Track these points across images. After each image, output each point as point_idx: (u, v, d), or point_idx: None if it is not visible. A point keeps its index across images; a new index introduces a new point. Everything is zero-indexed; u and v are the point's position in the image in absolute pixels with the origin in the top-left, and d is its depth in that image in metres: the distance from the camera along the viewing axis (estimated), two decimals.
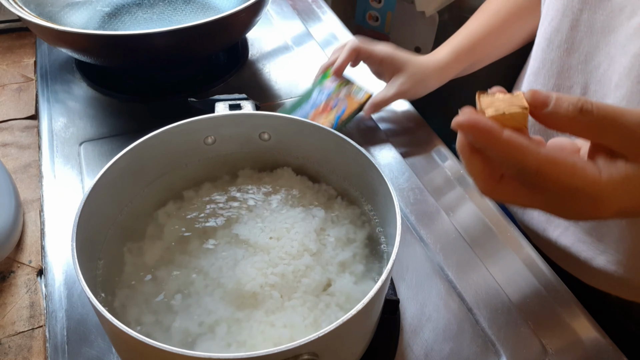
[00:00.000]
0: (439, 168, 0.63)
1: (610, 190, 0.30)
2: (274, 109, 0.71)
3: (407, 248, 0.54)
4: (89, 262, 0.40)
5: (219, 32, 0.67)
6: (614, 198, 0.30)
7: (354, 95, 0.66)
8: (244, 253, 0.44)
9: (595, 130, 0.30)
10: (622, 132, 0.29)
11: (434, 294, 0.50)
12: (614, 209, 0.31)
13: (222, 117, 0.49)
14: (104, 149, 0.63)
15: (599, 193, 0.30)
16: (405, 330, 0.47)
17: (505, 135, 0.30)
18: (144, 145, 0.45)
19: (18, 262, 0.51)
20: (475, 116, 0.30)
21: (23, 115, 0.68)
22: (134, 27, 0.74)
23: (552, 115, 0.30)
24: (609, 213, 0.31)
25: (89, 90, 0.73)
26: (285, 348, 0.31)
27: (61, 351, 0.44)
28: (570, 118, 0.29)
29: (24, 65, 0.77)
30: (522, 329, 0.48)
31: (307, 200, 0.49)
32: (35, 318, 0.47)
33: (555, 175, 0.30)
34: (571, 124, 0.30)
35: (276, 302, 0.41)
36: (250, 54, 0.81)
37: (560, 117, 0.30)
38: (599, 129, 0.29)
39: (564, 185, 0.30)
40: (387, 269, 0.36)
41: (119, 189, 0.45)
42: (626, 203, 0.30)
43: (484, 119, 0.30)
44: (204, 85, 0.74)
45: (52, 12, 0.72)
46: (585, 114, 0.29)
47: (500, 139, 0.30)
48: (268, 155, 0.52)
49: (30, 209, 0.57)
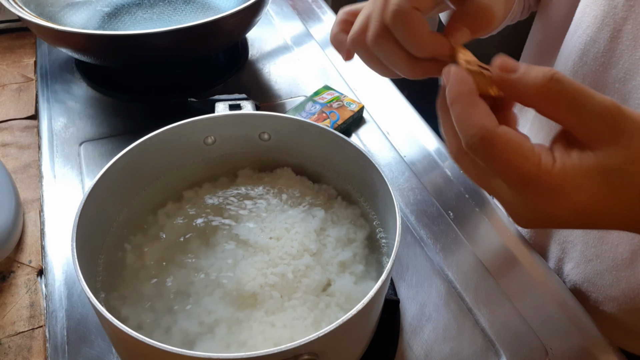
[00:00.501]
0: (439, 168, 0.63)
1: (560, 181, 0.27)
2: (274, 109, 0.71)
3: (407, 248, 0.54)
4: (89, 262, 0.40)
5: (219, 32, 0.67)
6: (566, 191, 0.27)
7: (346, 106, 0.68)
8: (244, 253, 0.44)
9: (562, 103, 0.27)
10: (589, 112, 0.27)
11: (434, 294, 0.50)
12: (567, 205, 0.28)
13: (222, 117, 0.49)
14: (104, 149, 0.63)
15: (550, 183, 0.27)
16: (405, 330, 0.47)
17: (471, 94, 0.28)
18: (144, 145, 0.45)
19: (18, 262, 0.51)
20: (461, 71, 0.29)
21: (23, 115, 0.68)
22: (134, 27, 0.74)
23: (520, 81, 0.28)
24: (563, 210, 0.28)
25: (89, 90, 0.73)
26: (285, 348, 0.31)
27: (61, 351, 0.44)
28: (538, 85, 0.27)
29: (24, 65, 0.77)
30: (522, 329, 0.48)
31: (307, 200, 0.49)
32: (35, 318, 0.47)
33: (504, 153, 0.27)
34: (538, 92, 0.27)
35: (276, 302, 0.41)
36: (250, 54, 0.81)
37: (528, 84, 0.28)
38: (566, 102, 0.27)
39: (512, 167, 0.27)
40: (387, 269, 0.36)
41: (119, 189, 0.45)
42: (580, 200, 0.28)
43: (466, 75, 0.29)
44: (204, 85, 0.74)
45: (52, 12, 0.72)
46: (555, 81, 0.27)
47: (466, 95, 0.28)
48: (268, 155, 0.52)
49: (30, 209, 0.57)
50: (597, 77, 0.46)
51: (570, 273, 0.54)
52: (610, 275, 0.50)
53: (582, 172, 0.27)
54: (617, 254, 0.48)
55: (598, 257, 0.50)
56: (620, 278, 0.49)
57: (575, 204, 0.28)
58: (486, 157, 0.28)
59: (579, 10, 0.48)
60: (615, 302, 0.50)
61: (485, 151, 0.28)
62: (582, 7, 0.48)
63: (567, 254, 0.55)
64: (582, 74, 0.48)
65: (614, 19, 0.44)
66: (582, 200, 0.28)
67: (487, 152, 0.28)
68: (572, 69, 0.49)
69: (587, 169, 0.27)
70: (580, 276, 0.53)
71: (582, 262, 0.52)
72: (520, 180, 0.28)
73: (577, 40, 0.48)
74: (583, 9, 0.47)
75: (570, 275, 0.54)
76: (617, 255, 0.49)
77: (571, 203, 0.28)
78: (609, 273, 0.50)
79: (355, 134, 0.68)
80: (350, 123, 0.68)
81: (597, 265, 0.51)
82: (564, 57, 0.50)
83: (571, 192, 0.27)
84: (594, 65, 0.46)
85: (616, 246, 0.48)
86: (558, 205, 0.28)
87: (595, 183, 0.27)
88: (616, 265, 0.49)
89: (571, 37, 0.49)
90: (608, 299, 0.51)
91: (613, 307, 0.51)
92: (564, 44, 0.51)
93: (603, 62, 0.46)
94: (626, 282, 0.49)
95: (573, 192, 0.27)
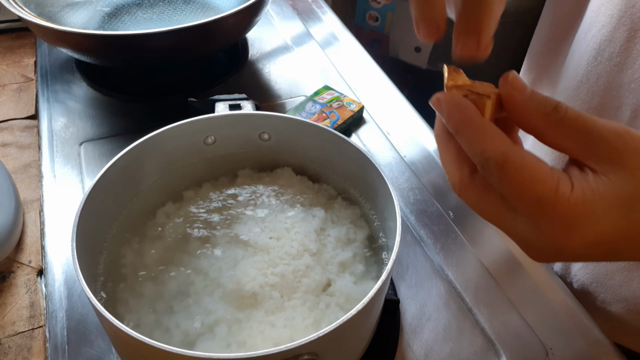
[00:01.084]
0: (439, 168, 0.63)
1: (578, 209, 0.25)
2: (274, 109, 0.71)
3: (407, 248, 0.54)
4: (89, 262, 0.40)
5: (219, 32, 0.67)
6: (584, 221, 0.25)
7: (346, 106, 0.68)
8: (243, 253, 0.44)
9: (568, 129, 0.26)
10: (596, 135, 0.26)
11: (434, 294, 0.50)
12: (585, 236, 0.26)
13: (222, 117, 0.49)
14: (104, 149, 0.63)
15: (568, 211, 0.25)
16: (405, 330, 0.47)
17: (479, 118, 0.27)
18: (144, 145, 0.45)
19: (18, 262, 0.51)
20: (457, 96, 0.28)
21: (23, 115, 0.68)
22: (134, 27, 0.74)
23: (526, 105, 0.27)
24: (580, 241, 0.26)
25: (89, 90, 0.73)
26: (285, 348, 0.31)
27: (61, 351, 0.44)
28: (543, 113, 0.26)
29: (24, 65, 0.77)
30: (522, 329, 0.48)
31: (307, 200, 0.49)
32: (35, 318, 0.47)
33: (520, 177, 0.25)
34: (541, 119, 0.27)
35: (276, 302, 0.41)
36: (250, 54, 0.81)
37: (532, 109, 0.27)
38: (570, 129, 0.26)
39: (529, 192, 0.26)
40: (387, 269, 0.36)
41: (119, 188, 0.45)
42: (600, 231, 0.25)
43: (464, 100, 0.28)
44: (204, 85, 0.74)
45: (52, 12, 0.72)
46: (558, 110, 0.26)
47: (473, 120, 0.27)
48: (268, 155, 0.52)
49: (30, 209, 0.57)
50: (611, 77, 0.45)
51: (577, 273, 0.53)
52: (621, 276, 0.49)
53: (602, 199, 0.25)
54: None
55: None
56: (632, 278, 0.48)
57: (594, 235, 0.26)
58: (503, 180, 0.26)
59: (593, 9, 0.47)
60: (625, 302, 0.50)
61: (502, 174, 0.26)
62: (597, 5, 0.47)
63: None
64: (596, 74, 0.47)
65: (631, 18, 0.43)
66: (602, 231, 0.26)
67: (504, 175, 0.26)
68: (586, 69, 0.48)
69: (606, 196, 0.25)
70: (588, 276, 0.52)
71: (591, 262, 0.51)
72: (536, 206, 0.26)
73: (592, 39, 0.47)
74: (598, 7, 0.46)
75: (578, 275, 0.53)
76: None
77: (590, 234, 0.26)
78: (620, 273, 0.49)
79: (355, 134, 0.68)
80: (350, 123, 0.68)
81: (607, 265, 0.50)
82: (577, 56, 0.49)
83: (591, 222, 0.25)
84: (609, 65, 0.45)
85: None
86: (575, 236, 0.26)
87: (614, 211, 0.25)
88: (628, 265, 0.48)
89: (584, 36, 0.48)
90: (617, 300, 0.50)
91: (622, 307, 0.50)
92: (575, 43, 0.49)
93: (619, 62, 0.45)
94: (638, 281, 0.48)
95: (593, 222, 0.25)
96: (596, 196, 0.25)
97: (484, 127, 0.27)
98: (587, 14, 0.48)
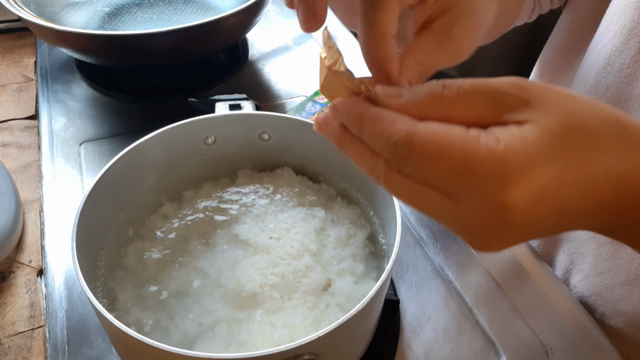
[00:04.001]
0: None
1: (510, 158, 0.22)
2: (274, 109, 0.71)
3: (407, 248, 0.54)
4: (89, 262, 0.40)
5: (219, 32, 0.67)
6: (524, 165, 0.22)
7: None
8: (243, 253, 0.44)
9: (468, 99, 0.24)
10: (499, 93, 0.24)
11: (434, 294, 0.50)
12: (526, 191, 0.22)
13: (222, 117, 0.49)
14: (104, 149, 0.63)
15: (497, 163, 0.22)
16: (405, 330, 0.47)
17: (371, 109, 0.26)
18: (144, 145, 0.45)
19: (18, 262, 0.51)
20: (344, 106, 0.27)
21: (23, 115, 0.68)
22: (134, 27, 0.74)
23: (411, 101, 0.25)
24: (524, 195, 0.22)
25: (89, 90, 0.73)
26: (285, 348, 0.31)
27: (61, 351, 0.44)
28: (435, 98, 0.24)
29: (24, 65, 0.77)
30: (522, 329, 0.47)
31: (307, 200, 0.49)
32: (35, 318, 0.47)
33: (434, 148, 0.23)
34: (437, 103, 0.24)
35: (276, 302, 0.41)
36: (250, 54, 0.81)
37: (421, 101, 0.25)
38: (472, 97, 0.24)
39: (448, 160, 0.23)
40: (387, 269, 0.36)
41: (119, 189, 0.45)
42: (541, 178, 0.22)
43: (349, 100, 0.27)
44: (204, 85, 0.74)
45: (52, 12, 0.72)
46: (450, 87, 0.24)
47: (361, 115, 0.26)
48: (268, 155, 0.52)
49: (30, 209, 0.57)
50: (621, 89, 0.44)
51: (577, 285, 0.53)
52: (621, 290, 0.48)
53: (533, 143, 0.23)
54: (632, 269, 0.47)
55: (610, 270, 0.49)
56: (633, 293, 0.48)
57: (535, 185, 0.23)
58: (417, 161, 0.24)
59: (605, 19, 0.46)
60: (624, 316, 0.49)
61: (414, 153, 0.24)
62: (609, 15, 0.46)
63: (576, 265, 0.53)
64: (605, 85, 0.46)
65: None
66: (543, 180, 0.23)
67: (415, 154, 0.24)
68: (595, 79, 0.46)
69: (535, 138, 0.23)
70: (588, 288, 0.52)
71: (592, 275, 0.51)
72: (461, 172, 0.23)
73: (602, 49, 0.46)
74: (610, 17, 0.45)
75: (578, 287, 0.53)
76: (631, 270, 0.47)
77: (530, 183, 0.22)
78: (621, 287, 0.48)
79: None
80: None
81: (608, 279, 0.49)
82: (587, 66, 0.48)
83: (528, 168, 0.22)
84: (618, 76, 0.44)
85: (631, 261, 0.47)
86: (515, 189, 0.22)
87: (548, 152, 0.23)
88: (629, 279, 0.47)
89: (595, 46, 0.47)
90: (616, 313, 0.49)
91: (621, 321, 0.49)
92: (587, 52, 0.48)
93: (629, 73, 0.43)
94: (638, 297, 0.47)
95: (531, 167, 0.22)
96: (526, 141, 0.22)
97: (377, 116, 0.25)
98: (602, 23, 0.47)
